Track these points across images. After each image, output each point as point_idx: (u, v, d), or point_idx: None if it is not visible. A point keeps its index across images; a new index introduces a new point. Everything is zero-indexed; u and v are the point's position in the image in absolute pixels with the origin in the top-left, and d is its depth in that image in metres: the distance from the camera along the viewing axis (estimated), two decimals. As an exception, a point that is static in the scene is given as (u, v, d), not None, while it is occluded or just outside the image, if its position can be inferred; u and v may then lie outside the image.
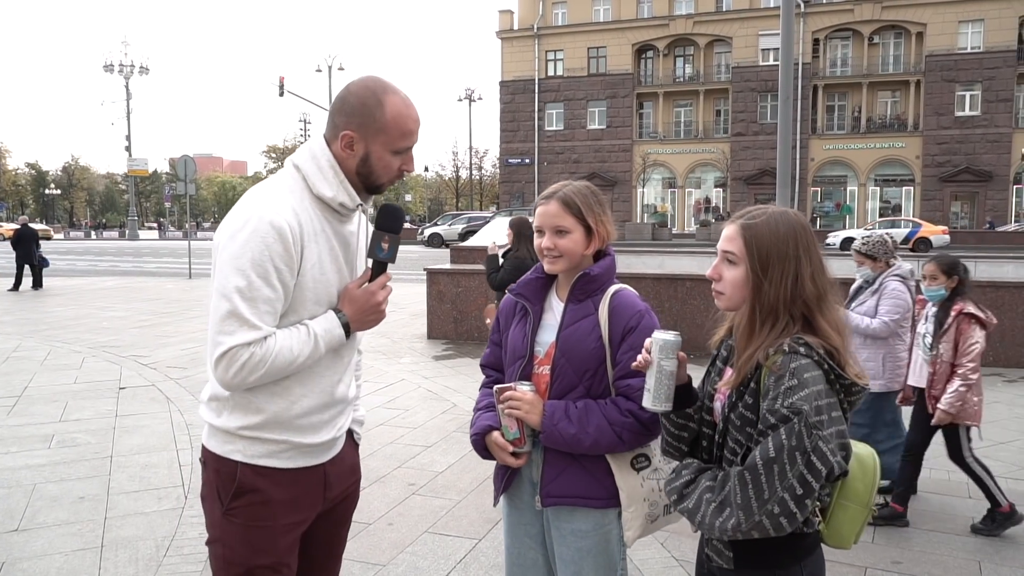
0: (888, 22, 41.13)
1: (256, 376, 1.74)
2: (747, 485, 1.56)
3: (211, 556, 1.91)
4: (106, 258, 30.61)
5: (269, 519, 1.85)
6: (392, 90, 1.85)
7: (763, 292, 1.66)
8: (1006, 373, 8.04)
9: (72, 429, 5.93)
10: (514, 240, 6.23)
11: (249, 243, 1.72)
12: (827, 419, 1.56)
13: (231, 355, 1.71)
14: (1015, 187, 39.34)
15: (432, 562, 3.71)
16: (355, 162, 1.86)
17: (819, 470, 1.53)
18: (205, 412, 1.90)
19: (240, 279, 1.71)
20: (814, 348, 1.60)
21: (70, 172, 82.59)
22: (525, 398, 2.02)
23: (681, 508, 1.70)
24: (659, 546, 3.82)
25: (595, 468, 2.05)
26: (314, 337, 1.80)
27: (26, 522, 4.16)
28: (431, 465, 5.05)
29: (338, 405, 1.96)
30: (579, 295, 2.09)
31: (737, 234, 1.70)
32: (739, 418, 1.66)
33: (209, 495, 1.90)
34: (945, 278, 4.08)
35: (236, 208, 1.83)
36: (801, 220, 1.72)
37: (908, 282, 4.47)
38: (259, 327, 1.72)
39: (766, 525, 1.55)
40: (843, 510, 1.65)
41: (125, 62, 54.18)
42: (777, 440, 1.53)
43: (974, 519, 4.14)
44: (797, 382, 1.55)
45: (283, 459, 1.86)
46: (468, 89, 52.69)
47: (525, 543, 2.18)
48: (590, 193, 2.11)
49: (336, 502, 2.03)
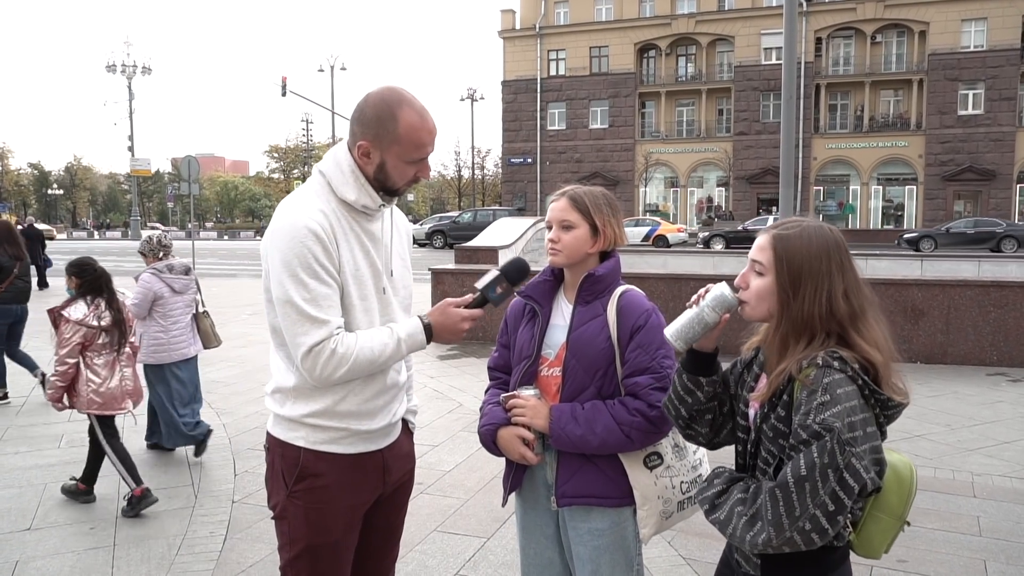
0: (891, 21, 41.06)
1: (343, 371, 1.88)
2: (778, 502, 1.54)
3: (277, 531, 2.06)
4: (109, 258, 30.59)
5: (329, 501, 1.99)
6: (408, 102, 1.93)
7: (792, 308, 1.63)
8: (1010, 372, 8.05)
9: (81, 429, 5.92)
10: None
11: (293, 249, 1.85)
12: (861, 435, 1.53)
13: (315, 352, 1.85)
14: (1018, 186, 39.25)
15: (441, 560, 3.74)
16: (372, 169, 1.96)
17: (852, 487, 1.51)
18: (270, 403, 2.04)
19: (296, 283, 1.85)
20: (848, 363, 1.58)
21: (73, 172, 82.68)
22: (528, 403, 2.06)
23: (713, 519, 1.68)
24: (666, 544, 3.85)
25: (609, 468, 2.07)
26: (397, 339, 1.95)
27: (38, 521, 4.20)
28: (438, 464, 5.08)
29: (391, 391, 2.08)
30: (587, 296, 2.12)
31: (768, 245, 1.67)
32: (771, 429, 1.64)
33: (273, 477, 2.04)
34: (75, 280, 4.42)
35: (274, 219, 1.95)
36: (836, 236, 1.68)
37: (162, 275, 5.22)
38: (328, 320, 1.86)
39: (797, 540, 1.54)
40: (875, 522, 1.64)
41: (128, 62, 54.16)
42: (809, 458, 1.51)
43: (979, 518, 4.16)
44: (830, 398, 1.53)
45: (344, 445, 2.00)
46: (470, 89, 52.74)
47: (541, 543, 2.21)
48: (601, 195, 2.16)
49: (395, 487, 2.16)
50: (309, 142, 70.52)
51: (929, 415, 6.37)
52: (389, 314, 2.04)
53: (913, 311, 8.55)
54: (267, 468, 2.08)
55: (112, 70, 54.20)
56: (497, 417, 2.13)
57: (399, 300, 2.10)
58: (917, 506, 4.32)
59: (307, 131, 74.82)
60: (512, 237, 13.45)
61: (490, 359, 2.34)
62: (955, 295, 8.49)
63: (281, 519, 2.02)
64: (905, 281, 9.02)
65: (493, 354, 2.34)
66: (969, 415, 6.37)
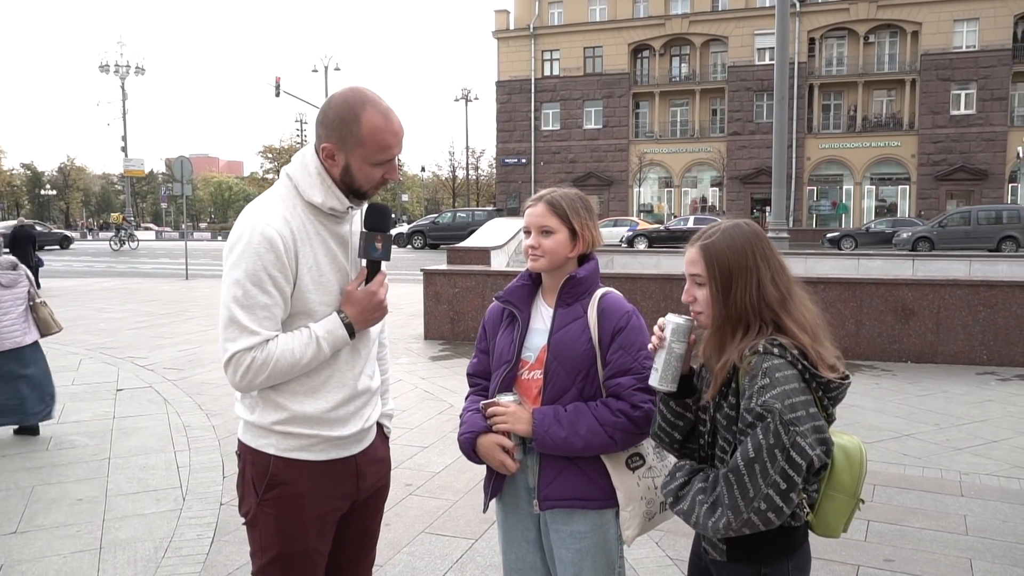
0: (883, 21, 41.21)
1: (262, 378, 1.86)
2: (732, 486, 1.64)
3: (249, 537, 2.04)
4: (102, 259, 30.56)
5: (300, 510, 1.96)
6: (372, 103, 1.88)
7: (728, 304, 1.75)
8: (999, 372, 8.08)
9: (70, 431, 5.94)
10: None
11: (244, 255, 1.83)
12: (804, 415, 1.63)
13: (236, 360, 1.84)
14: (1010, 185, 39.44)
15: (428, 562, 3.74)
16: (338, 171, 1.93)
17: (799, 464, 1.60)
18: (240, 409, 2.02)
19: (237, 289, 1.83)
20: (787, 348, 1.68)
21: (66, 173, 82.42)
22: (508, 409, 2.06)
23: (677, 510, 1.79)
24: (654, 545, 3.85)
25: (591, 469, 2.08)
26: (315, 339, 1.90)
27: (24, 524, 4.18)
28: (428, 465, 5.07)
29: (362, 396, 2.05)
30: (568, 299, 2.13)
31: (699, 256, 1.80)
32: (725, 418, 1.75)
33: (244, 484, 2.02)
34: None
35: (236, 222, 1.93)
36: (754, 228, 1.82)
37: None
38: (257, 332, 1.84)
39: (755, 521, 1.63)
40: (830, 500, 1.73)
41: (121, 62, 54.05)
42: (755, 440, 1.62)
43: (966, 517, 4.18)
44: (769, 381, 1.64)
45: (315, 452, 1.97)
46: (464, 89, 52.71)
47: (523, 548, 2.21)
48: (577, 198, 2.16)
49: (369, 492, 2.13)
50: (303, 143, 70.39)
51: (918, 414, 6.39)
52: None
53: (904, 311, 8.58)
54: (238, 474, 2.06)
55: (105, 70, 54.06)
56: (476, 425, 2.13)
57: None
58: (905, 505, 4.36)
59: (301, 132, 74.74)
60: (504, 238, 13.44)
61: (469, 365, 2.33)
62: (945, 295, 8.51)
63: (252, 526, 2.00)
64: (896, 281, 9.05)
65: (472, 360, 2.33)
66: (958, 414, 6.40)
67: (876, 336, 8.63)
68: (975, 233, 27.14)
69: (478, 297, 9.80)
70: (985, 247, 25.70)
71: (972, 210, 28.83)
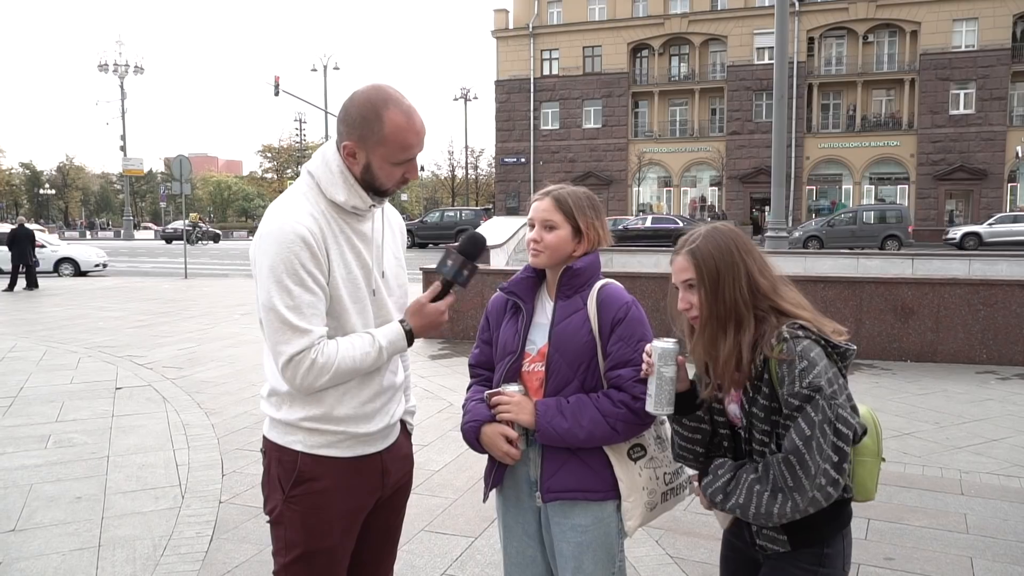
0: (882, 20, 41.22)
1: (324, 379, 1.87)
2: (794, 467, 1.69)
3: (272, 535, 2.01)
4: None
5: (326, 507, 1.96)
6: (395, 102, 1.88)
7: (717, 302, 1.81)
8: (999, 371, 8.08)
9: (69, 429, 5.93)
10: None
11: (280, 254, 1.82)
12: (839, 387, 1.72)
13: (295, 362, 1.83)
14: (1009, 185, 39.47)
15: (428, 560, 3.73)
16: (359, 170, 1.92)
17: (847, 434, 1.70)
18: (266, 406, 2.01)
19: (281, 291, 1.82)
20: (808, 328, 1.77)
21: (65, 172, 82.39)
22: (513, 399, 2.06)
23: (730, 506, 1.80)
24: (654, 543, 3.85)
25: (593, 461, 2.08)
26: (379, 347, 1.93)
27: (23, 522, 4.17)
28: (427, 464, 5.06)
29: (388, 392, 2.06)
30: (567, 291, 2.12)
31: (688, 262, 1.86)
32: (762, 410, 1.78)
33: (269, 483, 2.00)
34: None
35: (263, 223, 1.92)
36: (734, 229, 1.91)
37: None
38: (310, 330, 1.84)
39: (819, 498, 1.69)
40: (861, 466, 1.84)
41: (120, 61, 53.92)
42: (808, 418, 1.68)
43: (966, 515, 4.17)
44: (808, 363, 1.71)
45: (342, 448, 1.97)
46: (464, 88, 52.84)
47: (524, 541, 2.21)
48: (585, 197, 2.16)
49: (393, 489, 2.13)
50: (302, 142, 70.42)
51: (918, 413, 6.39)
52: (384, 315, 2.02)
53: (903, 310, 8.58)
54: (263, 472, 2.04)
55: (104, 69, 53.95)
56: (480, 414, 2.13)
57: (394, 300, 2.08)
58: (905, 504, 4.36)
59: (300, 131, 74.73)
60: (504, 236, 13.44)
61: (471, 356, 2.33)
62: (945, 294, 8.51)
63: (277, 524, 1.98)
64: (896, 280, 9.06)
65: (474, 351, 2.32)
66: (958, 413, 6.40)
67: (876, 335, 8.62)
68: (860, 232, 28.68)
69: (477, 296, 9.79)
70: (870, 245, 27.17)
71: (858, 210, 30.72)
